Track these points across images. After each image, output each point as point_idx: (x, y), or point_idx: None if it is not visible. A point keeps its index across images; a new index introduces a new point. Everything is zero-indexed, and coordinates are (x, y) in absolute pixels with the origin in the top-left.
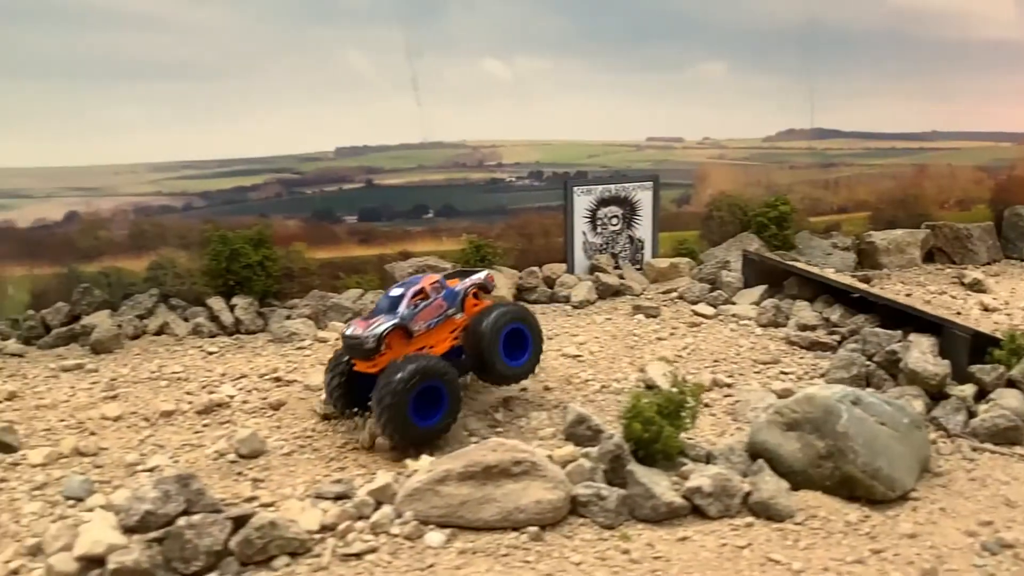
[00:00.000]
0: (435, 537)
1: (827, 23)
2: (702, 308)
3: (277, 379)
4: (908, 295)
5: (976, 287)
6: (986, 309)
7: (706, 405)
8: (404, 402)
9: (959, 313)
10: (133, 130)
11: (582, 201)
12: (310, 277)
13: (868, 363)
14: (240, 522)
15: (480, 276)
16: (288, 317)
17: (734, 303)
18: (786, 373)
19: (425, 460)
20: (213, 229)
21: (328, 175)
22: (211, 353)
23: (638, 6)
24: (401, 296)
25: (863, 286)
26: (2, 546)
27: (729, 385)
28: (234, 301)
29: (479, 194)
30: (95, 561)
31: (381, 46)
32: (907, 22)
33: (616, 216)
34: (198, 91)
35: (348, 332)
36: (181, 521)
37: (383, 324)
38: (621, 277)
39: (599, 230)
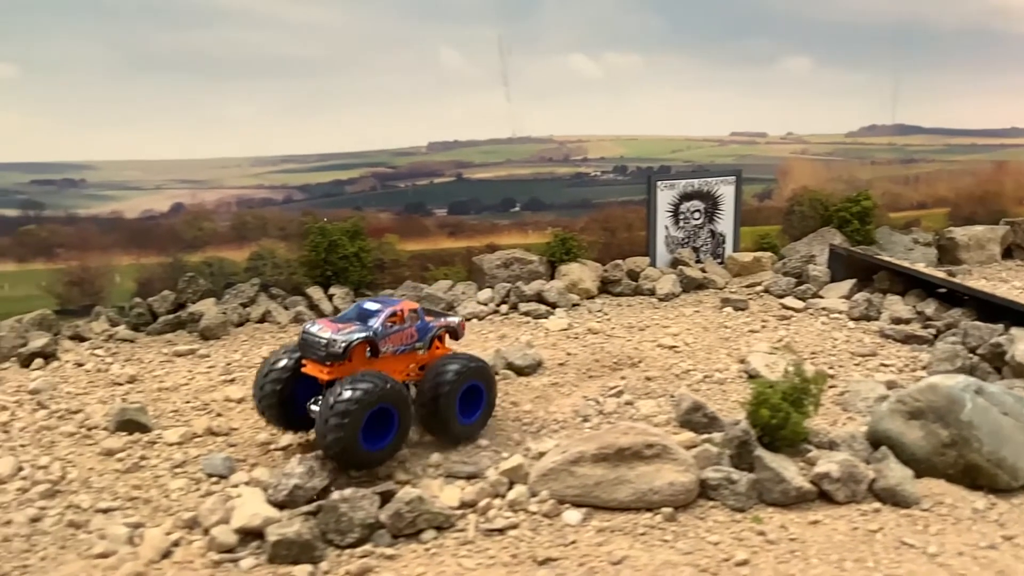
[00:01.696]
0: (573, 515)
1: (912, 20)
2: (790, 301)
3: None
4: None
5: None
6: None
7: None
8: (356, 424)
9: None
10: (239, 125)
11: (665, 195)
12: (400, 268)
13: (971, 356)
14: (386, 497)
15: (454, 320)
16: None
17: (822, 297)
18: (886, 365)
19: (549, 442)
20: (312, 221)
21: (420, 169)
22: None
23: (724, 2)
24: (376, 312)
25: (957, 281)
26: (158, 519)
27: (831, 376)
28: (332, 291)
29: (564, 188)
30: (252, 533)
31: (474, 43)
32: (992, 19)
33: (698, 210)
34: (300, 88)
35: (313, 329)
36: (335, 495)
37: (357, 332)
38: (703, 271)
39: (681, 224)
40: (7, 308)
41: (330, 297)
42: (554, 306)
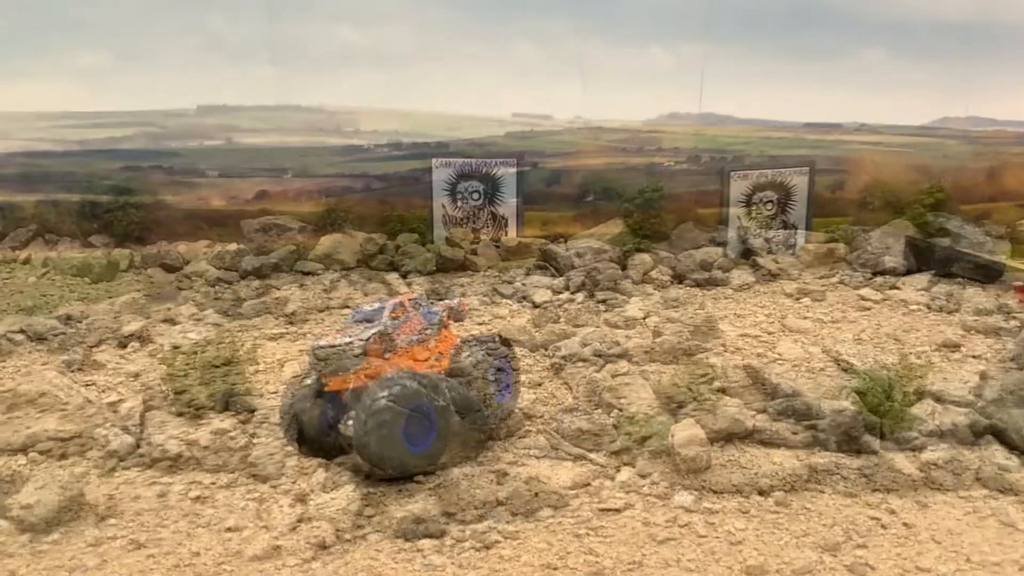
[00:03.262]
0: (685, 497)
1: (985, 13)
2: (868, 293)
3: None
4: None
5: None
6: None
7: None
8: (395, 421)
9: None
10: (321, 113)
11: (738, 186)
12: (475, 256)
13: None
14: (500, 476)
15: (453, 302)
16: (463, 294)
17: (899, 288)
18: (974, 356)
19: (651, 426)
20: (391, 210)
21: (495, 158)
22: None
23: None
24: (380, 309)
25: None
26: (277, 496)
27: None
28: (409, 277)
29: (637, 178)
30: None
31: (549, 36)
32: None
33: (771, 201)
34: (379, 78)
35: (322, 343)
36: (454, 471)
37: (368, 330)
38: (776, 261)
39: (753, 215)
40: (98, 292)
41: (408, 284)
42: (629, 295)
